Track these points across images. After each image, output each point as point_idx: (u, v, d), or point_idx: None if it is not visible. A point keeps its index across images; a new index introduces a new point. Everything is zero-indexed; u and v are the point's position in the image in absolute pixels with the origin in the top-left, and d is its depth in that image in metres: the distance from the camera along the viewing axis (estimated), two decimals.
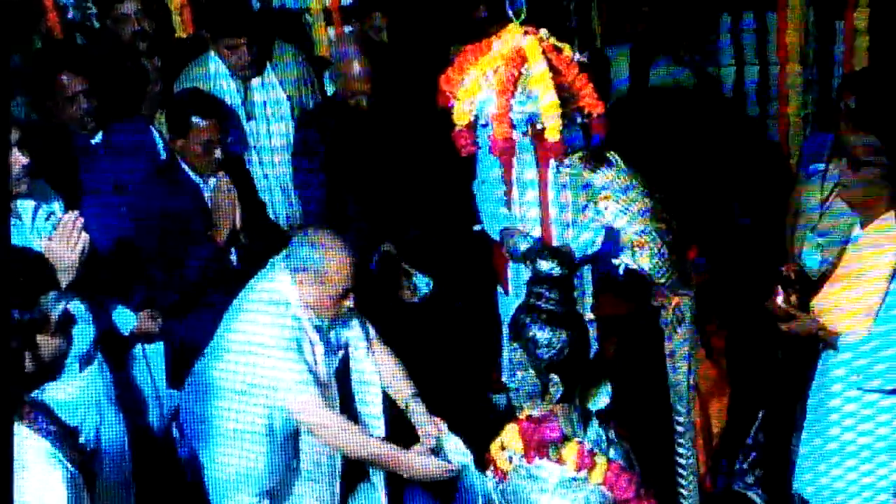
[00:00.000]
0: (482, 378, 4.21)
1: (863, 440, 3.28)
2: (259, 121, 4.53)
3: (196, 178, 4.01)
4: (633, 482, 2.92)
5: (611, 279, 3.46)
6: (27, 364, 2.29)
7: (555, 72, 2.98)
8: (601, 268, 3.60)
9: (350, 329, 3.52)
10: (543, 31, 3.05)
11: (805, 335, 3.32)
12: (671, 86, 4.68)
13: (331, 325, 3.43)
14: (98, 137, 4.15)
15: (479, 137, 3.15)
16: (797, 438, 3.55)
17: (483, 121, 3.00)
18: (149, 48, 4.52)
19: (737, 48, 5.11)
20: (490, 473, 3.09)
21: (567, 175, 3.30)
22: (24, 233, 3.53)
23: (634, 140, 3.14)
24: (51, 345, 2.35)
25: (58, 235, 3.32)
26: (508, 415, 3.06)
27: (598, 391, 3.01)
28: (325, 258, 3.30)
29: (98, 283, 3.56)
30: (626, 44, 4.86)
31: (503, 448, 3.02)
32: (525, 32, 3.01)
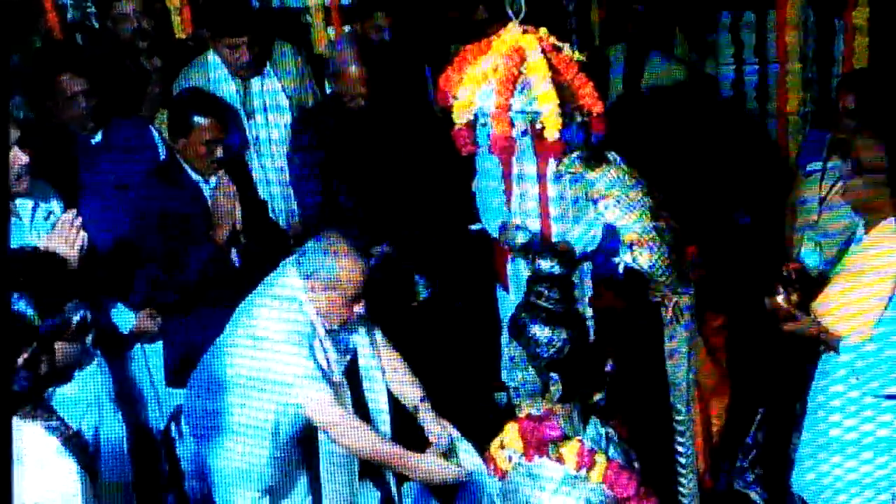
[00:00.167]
0: (482, 377, 4.21)
1: (864, 441, 3.28)
2: (258, 120, 4.53)
3: (196, 178, 4.01)
4: (633, 481, 2.93)
5: (609, 277, 3.46)
6: (42, 367, 2.32)
7: (554, 71, 2.97)
8: (600, 269, 3.60)
9: (357, 333, 3.53)
10: (543, 31, 3.05)
11: (806, 336, 3.31)
12: (664, 83, 4.68)
13: (340, 330, 3.44)
14: (98, 137, 4.15)
15: (479, 136, 3.15)
16: (797, 437, 3.55)
17: (482, 120, 3.00)
18: (148, 48, 4.52)
19: (736, 46, 5.11)
20: (490, 472, 3.09)
21: (567, 174, 3.30)
22: (23, 232, 3.53)
23: (632, 138, 3.14)
24: (68, 350, 2.38)
25: (56, 234, 3.33)
26: (508, 414, 3.06)
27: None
28: (338, 264, 3.31)
29: (97, 282, 3.56)
30: (621, 42, 4.87)
31: (503, 447, 3.02)
32: (524, 31, 3.00)
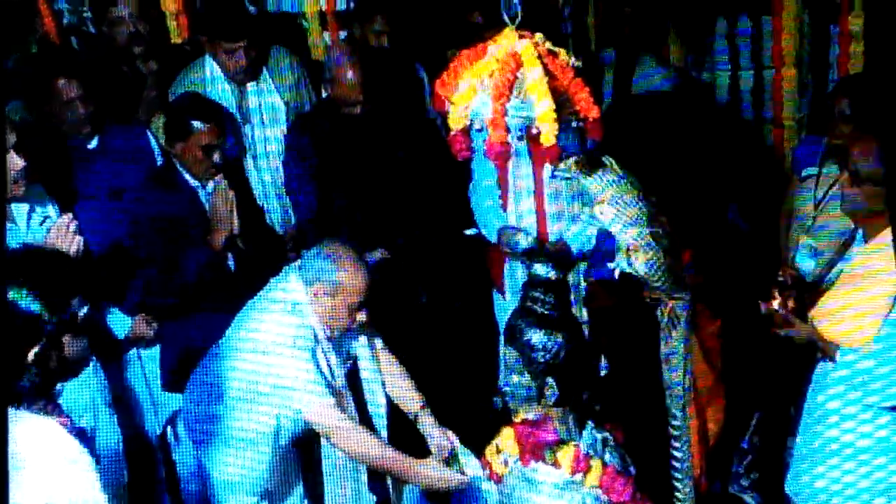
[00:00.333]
0: (479, 382, 4.21)
1: (860, 444, 3.27)
2: (255, 125, 4.52)
3: (194, 183, 4.01)
4: (629, 485, 2.92)
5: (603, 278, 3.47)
6: (51, 363, 2.35)
7: (550, 76, 2.97)
8: (594, 271, 3.61)
9: (358, 341, 3.53)
10: (539, 36, 3.05)
11: (802, 342, 3.31)
12: (654, 87, 4.69)
13: (341, 337, 3.43)
14: (94, 142, 4.15)
15: (475, 142, 3.15)
16: (792, 441, 3.55)
17: (478, 125, 3.00)
18: (144, 52, 4.52)
19: (732, 52, 5.12)
20: (486, 477, 3.09)
21: (562, 179, 3.30)
22: (19, 237, 3.53)
23: (626, 142, 3.14)
24: (75, 345, 2.40)
25: (52, 238, 3.32)
26: (504, 418, 3.06)
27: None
28: (340, 271, 3.31)
29: (92, 287, 3.55)
30: (611, 46, 4.88)
31: (499, 451, 3.02)
32: (520, 37, 3.01)
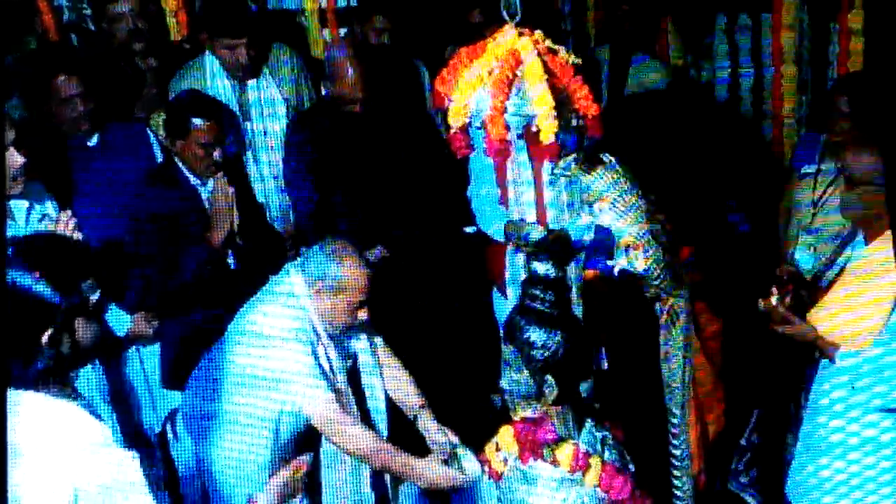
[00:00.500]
0: (478, 380, 4.21)
1: (864, 448, 3.27)
2: (255, 122, 4.52)
3: (194, 180, 4.01)
4: (628, 483, 2.92)
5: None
6: (64, 347, 2.38)
7: (550, 74, 2.97)
8: (589, 264, 3.60)
9: (359, 340, 3.53)
10: (538, 33, 3.05)
11: (800, 341, 3.31)
12: (648, 84, 4.69)
13: (342, 335, 3.43)
14: (94, 139, 4.15)
15: (474, 139, 3.15)
16: (792, 440, 3.55)
17: (478, 123, 3.00)
18: (144, 49, 4.51)
19: (732, 49, 5.12)
20: (485, 474, 3.09)
21: (562, 177, 3.30)
22: (18, 233, 3.53)
23: (624, 140, 3.14)
24: (87, 328, 2.43)
25: None
26: (503, 416, 3.06)
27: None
28: (342, 269, 3.31)
29: (101, 273, 3.55)
30: (606, 43, 4.89)
31: (498, 449, 3.02)
32: (520, 34, 3.00)
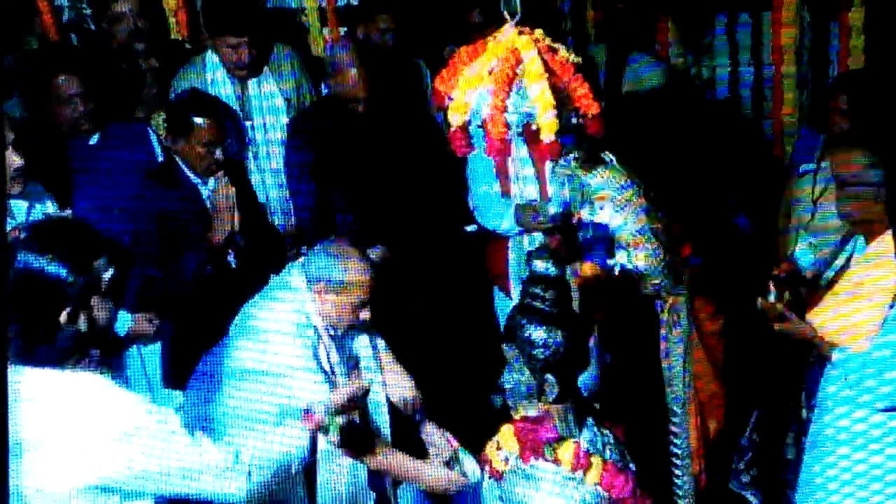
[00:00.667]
0: (479, 379, 4.21)
1: (871, 456, 3.27)
2: (256, 121, 4.53)
3: (194, 179, 4.01)
4: (629, 482, 2.92)
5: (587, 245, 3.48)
6: (82, 325, 2.41)
7: (550, 72, 2.97)
8: (587, 258, 3.60)
9: (360, 341, 3.52)
10: (538, 32, 3.05)
11: (798, 339, 3.31)
12: (645, 82, 4.69)
13: (343, 336, 3.43)
14: (94, 139, 4.15)
15: (474, 138, 3.15)
16: (792, 439, 3.55)
17: (478, 121, 3.00)
18: (145, 49, 4.52)
19: (732, 48, 5.12)
20: (486, 474, 3.09)
21: (562, 175, 3.30)
22: None
23: (623, 138, 3.14)
24: (103, 306, 2.46)
25: None
26: (504, 415, 3.06)
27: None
28: (344, 269, 3.31)
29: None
30: (603, 42, 4.89)
31: (499, 448, 3.02)
32: (520, 33, 3.00)
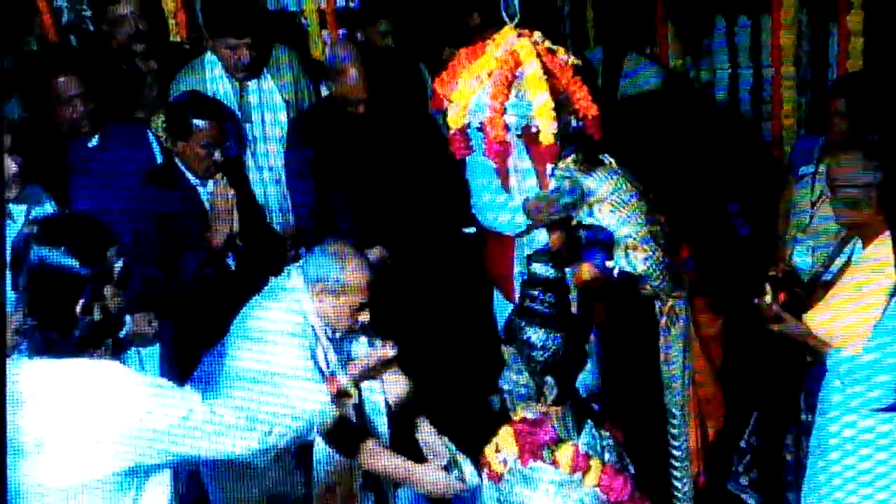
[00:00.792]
0: (478, 381, 4.21)
1: (865, 453, 3.27)
2: (255, 123, 4.52)
3: (194, 181, 4.01)
4: (628, 484, 2.93)
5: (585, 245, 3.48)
6: (97, 314, 2.45)
7: (549, 75, 2.97)
8: (585, 258, 3.59)
9: (359, 343, 3.52)
10: (537, 34, 3.05)
11: (793, 339, 3.32)
12: (641, 84, 4.70)
13: (342, 338, 3.43)
14: (94, 140, 4.15)
15: (473, 140, 3.15)
16: (791, 441, 3.56)
17: (477, 124, 3.00)
18: (145, 50, 4.52)
19: (731, 51, 5.12)
20: (485, 476, 3.10)
21: (561, 178, 3.30)
22: (16, 233, 3.52)
23: (622, 141, 3.15)
24: (116, 295, 2.50)
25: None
26: (503, 417, 3.06)
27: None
28: (343, 271, 3.30)
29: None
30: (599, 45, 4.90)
31: (498, 450, 3.02)
32: (519, 35, 3.01)
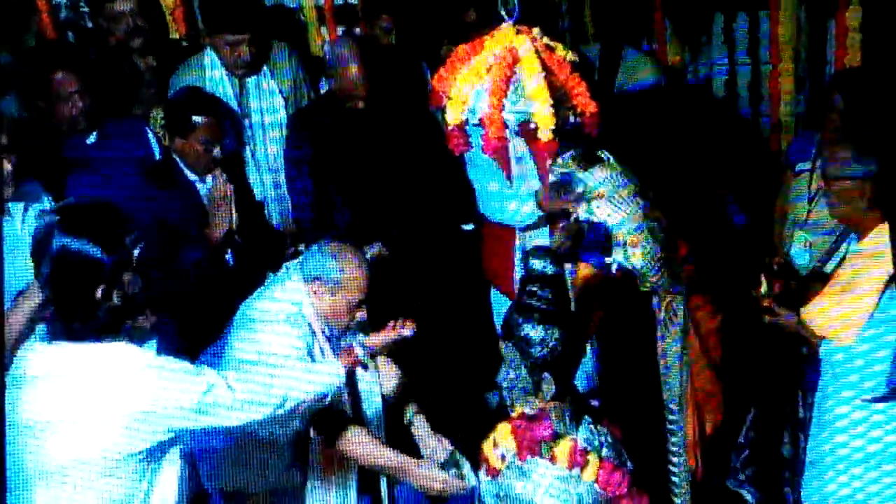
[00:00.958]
0: (476, 377, 4.21)
1: (870, 448, 3.27)
2: (254, 120, 4.53)
3: (192, 177, 4.02)
4: (626, 480, 2.93)
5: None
6: (116, 300, 2.50)
7: (547, 71, 2.97)
8: (584, 258, 3.59)
9: (356, 340, 3.51)
10: (536, 30, 3.05)
11: (787, 331, 3.33)
12: (639, 80, 4.70)
13: (340, 336, 3.43)
14: (92, 137, 4.15)
15: (472, 136, 3.15)
16: (789, 436, 3.56)
17: (475, 120, 3.00)
18: (143, 47, 4.52)
19: (729, 48, 5.12)
20: (483, 472, 3.10)
21: (559, 173, 3.30)
22: (15, 230, 3.54)
23: (620, 136, 3.15)
24: (135, 281, 2.56)
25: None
26: (500, 413, 3.07)
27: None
28: (341, 268, 3.31)
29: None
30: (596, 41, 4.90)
31: (496, 446, 3.02)
32: (517, 32, 3.01)
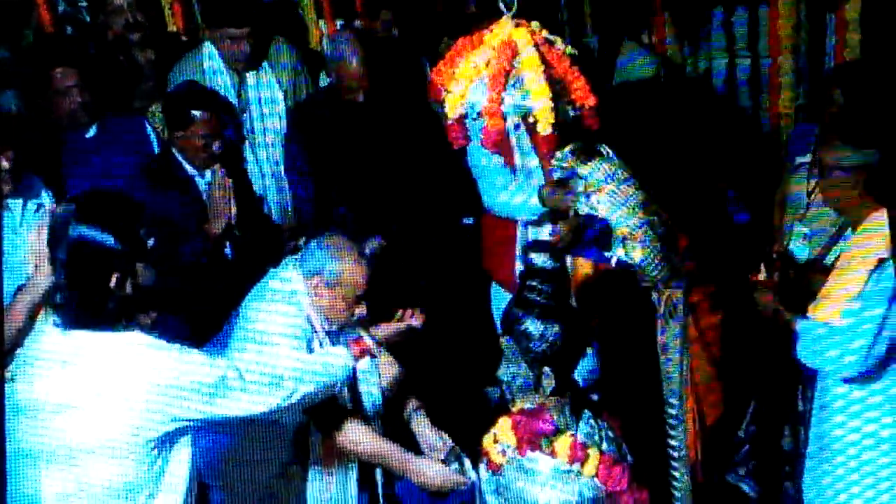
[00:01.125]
0: (476, 372, 4.21)
1: (865, 442, 3.27)
2: (253, 114, 4.53)
3: (191, 171, 4.01)
4: (626, 474, 2.93)
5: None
6: (128, 289, 2.51)
7: (546, 64, 2.97)
8: (585, 254, 3.59)
9: (355, 336, 3.52)
10: (535, 24, 3.05)
11: (767, 315, 3.35)
12: (637, 73, 4.69)
13: (339, 332, 3.43)
14: (91, 131, 4.15)
15: (471, 130, 3.15)
16: (789, 431, 3.56)
17: (474, 114, 2.99)
18: (141, 41, 4.51)
19: (729, 41, 5.12)
20: (483, 466, 3.10)
21: (559, 168, 3.30)
22: (14, 224, 3.54)
23: (619, 130, 3.14)
24: (147, 271, 2.55)
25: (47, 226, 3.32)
26: (501, 408, 3.06)
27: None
28: (340, 264, 3.30)
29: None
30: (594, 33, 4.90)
31: (496, 441, 3.02)
32: (517, 25, 3.00)
